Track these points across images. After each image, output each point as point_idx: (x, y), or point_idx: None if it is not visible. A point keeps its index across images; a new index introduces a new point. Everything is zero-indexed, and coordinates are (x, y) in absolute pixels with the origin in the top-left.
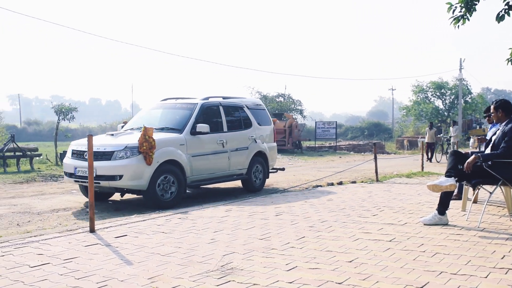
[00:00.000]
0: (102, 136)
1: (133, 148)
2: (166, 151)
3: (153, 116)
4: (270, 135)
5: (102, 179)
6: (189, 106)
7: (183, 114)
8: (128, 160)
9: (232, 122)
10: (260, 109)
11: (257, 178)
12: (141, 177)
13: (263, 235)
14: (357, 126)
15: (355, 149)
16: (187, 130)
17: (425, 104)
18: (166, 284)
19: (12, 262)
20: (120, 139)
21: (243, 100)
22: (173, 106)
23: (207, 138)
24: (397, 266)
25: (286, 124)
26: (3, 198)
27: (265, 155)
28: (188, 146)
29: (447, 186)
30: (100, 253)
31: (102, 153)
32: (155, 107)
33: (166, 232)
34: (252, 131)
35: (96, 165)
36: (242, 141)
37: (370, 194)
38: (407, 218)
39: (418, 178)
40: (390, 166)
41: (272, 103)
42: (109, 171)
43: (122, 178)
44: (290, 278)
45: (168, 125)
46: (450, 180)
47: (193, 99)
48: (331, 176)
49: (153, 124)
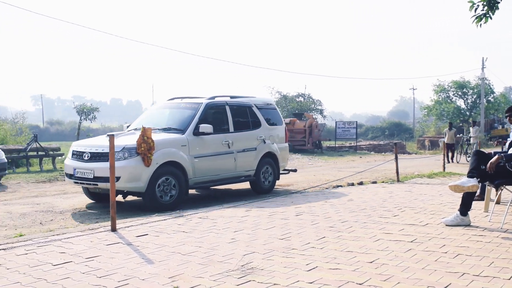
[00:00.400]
0: (102, 137)
1: (131, 149)
2: (166, 152)
3: (158, 116)
4: (281, 135)
5: (100, 180)
6: (193, 106)
7: (187, 114)
8: (126, 162)
9: (239, 122)
10: (271, 109)
11: (266, 179)
12: (139, 179)
13: (283, 235)
14: (377, 126)
15: (375, 149)
16: (190, 131)
17: (447, 103)
18: (186, 283)
19: (35, 260)
20: (119, 140)
21: (252, 99)
22: (178, 106)
23: (211, 139)
24: (418, 267)
25: (306, 124)
26: (26, 197)
27: (275, 156)
28: (190, 147)
29: (469, 186)
30: (121, 252)
31: (100, 154)
32: (161, 107)
33: (186, 231)
34: (261, 131)
35: (94, 166)
36: (249, 142)
37: (391, 195)
38: (428, 219)
39: (440, 179)
40: (411, 166)
41: (292, 103)
42: (106, 173)
43: (119, 180)
44: (311, 278)
45: (171, 125)
46: (472, 181)
47: (198, 99)
48: (351, 176)
49: (157, 124)
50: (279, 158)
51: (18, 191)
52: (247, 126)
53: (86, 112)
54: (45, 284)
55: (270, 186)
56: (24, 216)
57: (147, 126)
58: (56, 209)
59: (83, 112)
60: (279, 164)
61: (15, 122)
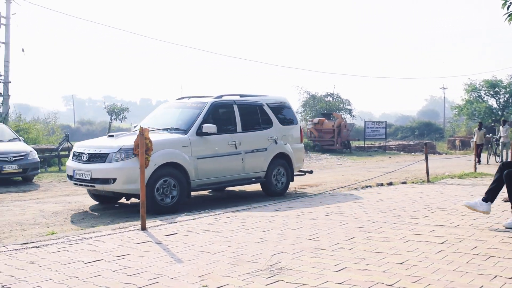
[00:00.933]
0: (103, 138)
1: (127, 150)
2: (165, 153)
3: (164, 116)
4: (295, 135)
5: (97, 182)
6: (198, 105)
7: (191, 113)
8: (122, 163)
9: (248, 122)
10: (285, 107)
11: (279, 181)
12: (136, 181)
13: (312, 235)
14: (407, 125)
15: (405, 149)
16: (193, 131)
17: (478, 103)
18: (215, 282)
19: (67, 258)
20: (117, 141)
21: (263, 98)
22: (183, 105)
23: (217, 139)
24: (449, 269)
25: (335, 124)
26: (58, 195)
27: (289, 157)
28: (192, 148)
29: (482, 211)
30: (151, 251)
31: (97, 155)
32: (168, 107)
33: (215, 231)
34: (273, 131)
35: (91, 168)
36: (259, 142)
37: (421, 195)
38: (459, 220)
39: (471, 179)
40: (441, 167)
41: (320, 102)
42: (103, 174)
43: (115, 182)
44: (340, 279)
45: (175, 125)
46: (485, 206)
47: (205, 98)
48: (380, 177)
49: (163, 124)
50: (292, 159)
51: (50, 190)
52: (257, 125)
53: (116, 112)
54: (77, 281)
55: (283, 188)
56: (56, 214)
57: (153, 126)
58: (87, 208)
59: (113, 112)
60: (292, 165)
61: (47, 122)
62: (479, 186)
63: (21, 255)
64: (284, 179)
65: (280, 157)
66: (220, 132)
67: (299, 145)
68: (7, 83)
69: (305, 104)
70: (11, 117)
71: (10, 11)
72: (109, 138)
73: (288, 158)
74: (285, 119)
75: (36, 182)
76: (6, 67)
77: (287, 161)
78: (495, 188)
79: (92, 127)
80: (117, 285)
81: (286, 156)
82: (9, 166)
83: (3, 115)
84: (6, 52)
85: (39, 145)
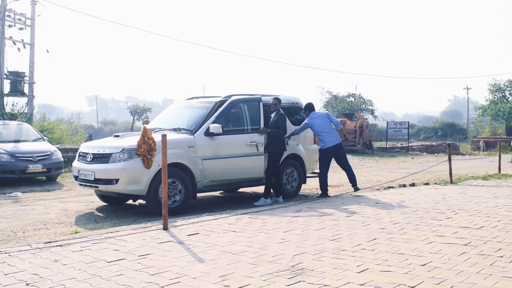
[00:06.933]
0: (108, 138)
1: (130, 151)
2: (169, 153)
3: (173, 116)
4: (308, 136)
5: (100, 182)
6: (206, 105)
7: (199, 114)
8: (125, 163)
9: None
10: (297, 107)
11: (290, 183)
12: (139, 182)
13: (333, 236)
14: (430, 126)
15: (428, 150)
16: (201, 131)
17: (503, 103)
18: (237, 282)
19: (90, 257)
20: (121, 141)
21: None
22: (192, 105)
23: (224, 140)
24: (473, 271)
25: (357, 124)
26: (81, 195)
27: (301, 158)
28: (198, 148)
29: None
30: (173, 250)
31: (101, 156)
32: (178, 107)
33: (237, 231)
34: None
35: (94, 168)
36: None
37: (444, 196)
38: (483, 222)
39: (495, 180)
40: (465, 168)
41: (342, 103)
42: (106, 175)
43: (118, 182)
44: (361, 280)
45: (182, 125)
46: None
47: (213, 98)
48: (403, 178)
49: (172, 124)
50: (305, 161)
51: (73, 189)
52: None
53: (138, 112)
54: (100, 280)
55: (295, 190)
56: (79, 213)
57: (161, 126)
58: (109, 207)
59: (136, 112)
60: (305, 167)
61: (71, 122)
62: (503, 187)
63: (45, 253)
64: (296, 180)
65: (292, 158)
66: (227, 133)
67: (312, 146)
68: (32, 83)
69: (327, 104)
70: (35, 117)
71: (35, 12)
72: (114, 138)
73: (300, 159)
74: (298, 120)
75: (60, 181)
76: (31, 68)
77: (299, 163)
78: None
79: (114, 127)
80: (140, 284)
81: (298, 158)
82: (33, 165)
83: (28, 115)
84: (31, 53)
85: (63, 145)
